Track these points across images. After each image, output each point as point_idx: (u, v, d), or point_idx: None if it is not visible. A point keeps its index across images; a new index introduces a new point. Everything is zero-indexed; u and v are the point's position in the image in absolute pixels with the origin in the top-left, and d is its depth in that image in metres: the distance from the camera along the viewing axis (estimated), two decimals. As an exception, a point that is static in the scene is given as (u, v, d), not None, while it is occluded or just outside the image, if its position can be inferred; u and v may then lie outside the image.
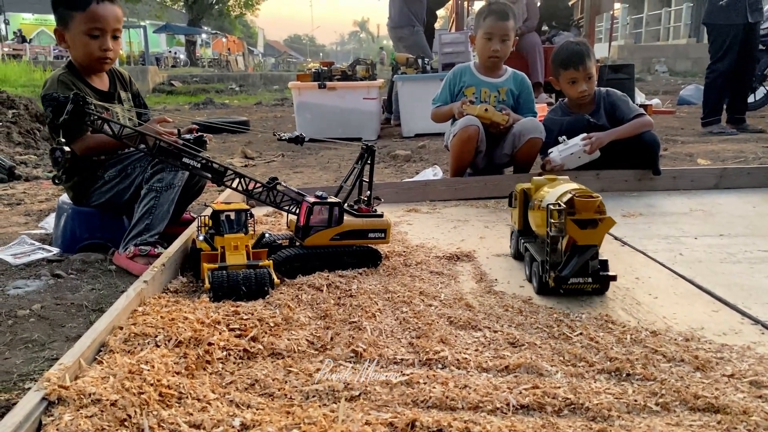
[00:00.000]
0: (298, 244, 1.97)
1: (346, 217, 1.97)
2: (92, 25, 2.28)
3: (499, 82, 3.32)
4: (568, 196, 1.72)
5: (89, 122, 1.78)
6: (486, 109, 3.14)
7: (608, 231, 1.75)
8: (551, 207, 1.71)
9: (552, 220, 1.70)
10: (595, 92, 3.23)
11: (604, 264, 1.78)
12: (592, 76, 3.15)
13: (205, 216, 1.89)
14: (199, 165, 1.86)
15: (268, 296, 1.69)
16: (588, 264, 1.74)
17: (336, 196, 2.07)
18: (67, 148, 1.76)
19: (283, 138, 2.08)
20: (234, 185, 1.90)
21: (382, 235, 2.01)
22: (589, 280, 1.75)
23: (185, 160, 1.85)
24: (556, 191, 1.79)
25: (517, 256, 2.12)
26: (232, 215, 1.85)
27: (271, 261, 1.82)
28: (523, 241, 2.02)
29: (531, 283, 1.89)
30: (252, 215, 1.90)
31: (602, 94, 3.24)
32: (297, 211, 1.97)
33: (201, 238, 1.83)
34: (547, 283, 1.75)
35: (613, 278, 1.78)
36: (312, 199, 1.93)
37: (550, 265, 1.75)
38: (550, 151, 3.13)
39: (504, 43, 3.27)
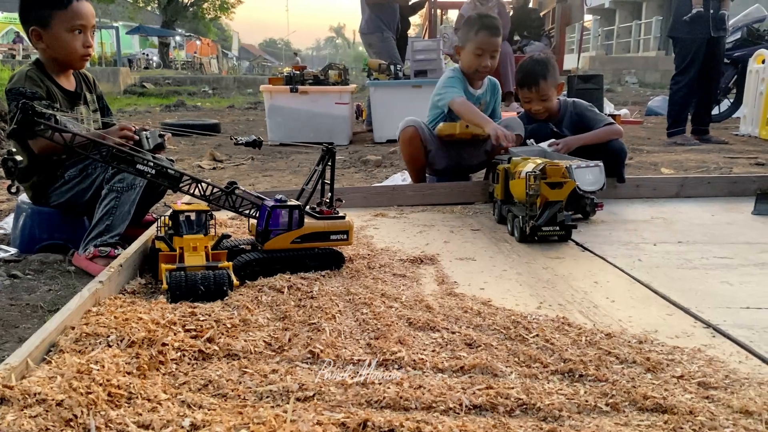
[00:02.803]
0: (259, 248, 1.96)
1: (306, 220, 1.96)
2: (76, 22, 2.29)
3: (480, 94, 3.32)
4: (542, 165, 2.33)
5: (39, 131, 1.69)
6: (467, 126, 3.14)
7: (570, 191, 2.36)
8: (529, 174, 2.32)
9: (530, 183, 2.31)
10: (561, 102, 3.27)
11: (569, 217, 2.42)
12: (548, 98, 3.17)
13: (165, 216, 1.87)
14: (153, 171, 1.80)
15: (227, 298, 1.67)
16: (556, 215, 2.36)
17: (298, 198, 2.06)
18: (19, 158, 1.69)
19: (240, 142, 2.04)
20: (191, 191, 1.86)
21: (345, 236, 2.00)
22: (557, 228, 2.38)
23: (139, 166, 1.79)
24: (531, 164, 2.43)
25: (501, 220, 2.73)
26: (192, 216, 1.83)
27: (230, 263, 1.81)
28: (506, 207, 2.63)
29: (513, 236, 2.50)
30: (212, 216, 1.88)
31: (568, 104, 3.27)
32: (257, 215, 1.94)
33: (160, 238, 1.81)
34: (525, 231, 2.37)
35: (574, 227, 2.43)
36: (271, 203, 1.91)
37: (529, 218, 2.36)
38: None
39: (494, 59, 3.23)
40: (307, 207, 2.04)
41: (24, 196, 2.49)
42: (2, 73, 13.97)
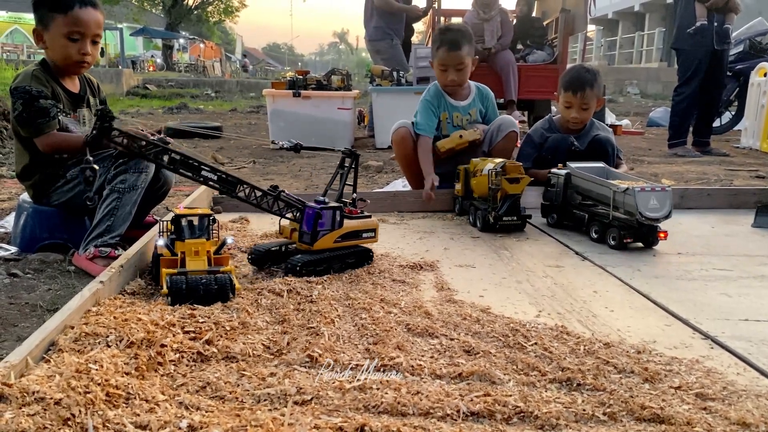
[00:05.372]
0: (305, 248, 2.03)
1: (344, 220, 2.07)
2: (73, 29, 2.27)
3: (468, 105, 3.32)
4: (502, 163, 2.64)
5: (114, 139, 1.75)
6: (460, 135, 3.16)
7: (526, 186, 2.67)
8: (491, 171, 2.64)
9: (492, 179, 2.63)
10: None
11: (523, 209, 2.72)
12: (588, 108, 3.16)
13: (166, 221, 1.85)
14: (215, 177, 1.87)
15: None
16: (514, 206, 2.67)
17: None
18: (96, 166, 1.72)
19: (285, 147, 2.14)
20: (243, 195, 1.92)
21: (373, 234, 2.16)
22: (515, 218, 2.68)
23: (204, 173, 1.85)
24: (491, 164, 2.71)
25: (461, 212, 3.04)
26: (195, 220, 1.81)
27: (233, 267, 1.79)
28: (467, 202, 2.93)
29: (475, 226, 2.80)
30: (215, 220, 1.87)
31: (594, 124, 3.28)
32: (301, 217, 2.03)
33: (161, 242, 1.78)
34: (488, 220, 2.67)
35: (529, 216, 2.74)
36: (316, 205, 2.00)
37: (491, 209, 2.67)
38: None
39: (460, 71, 3.20)
40: None
41: (25, 195, 2.49)
42: (6, 72, 14.01)
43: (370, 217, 2.17)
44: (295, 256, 1.99)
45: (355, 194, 2.21)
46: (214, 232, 1.85)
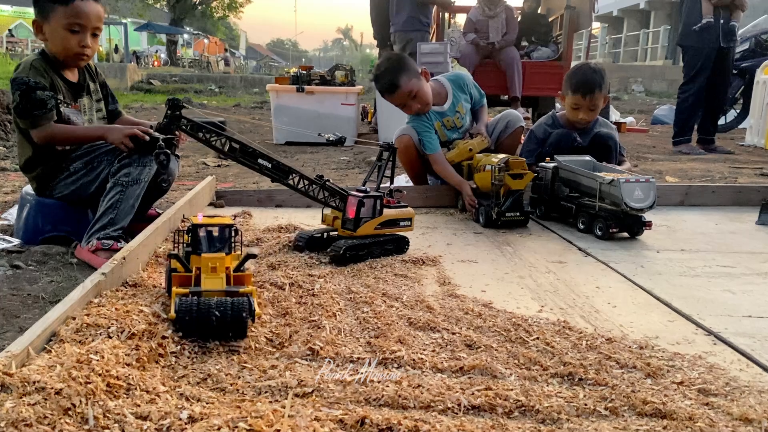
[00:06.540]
0: (347, 234, 2.14)
1: (384, 209, 2.18)
2: (73, 21, 2.27)
3: (451, 104, 3.25)
4: (505, 159, 2.65)
5: (181, 126, 1.90)
6: (470, 149, 3.06)
7: (529, 181, 2.71)
8: (495, 167, 2.64)
9: (496, 175, 2.64)
10: None
11: (526, 205, 2.76)
12: (596, 109, 3.12)
13: (182, 232, 1.63)
14: (270, 165, 1.97)
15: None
16: (517, 202, 2.67)
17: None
18: (168, 150, 1.80)
19: (330, 139, 2.25)
20: (293, 183, 2.01)
21: (409, 223, 2.29)
22: (518, 214, 2.68)
23: (260, 161, 1.93)
24: (495, 158, 2.71)
25: (464, 208, 3.00)
26: (215, 231, 1.56)
27: (254, 288, 1.51)
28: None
29: (478, 222, 2.80)
30: (238, 232, 1.62)
31: (598, 120, 3.26)
32: (343, 206, 2.13)
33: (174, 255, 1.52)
34: (491, 216, 2.67)
35: (532, 212, 2.83)
36: (359, 194, 2.11)
37: (494, 205, 2.67)
38: None
39: (416, 98, 3.06)
40: None
41: (28, 188, 2.50)
42: (10, 66, 14.04)
43: (406, 206, 2.29)
44: (338, 242, 2.10)
45: (392, 185, 2.36)
46: (236, 245, 1.61)
